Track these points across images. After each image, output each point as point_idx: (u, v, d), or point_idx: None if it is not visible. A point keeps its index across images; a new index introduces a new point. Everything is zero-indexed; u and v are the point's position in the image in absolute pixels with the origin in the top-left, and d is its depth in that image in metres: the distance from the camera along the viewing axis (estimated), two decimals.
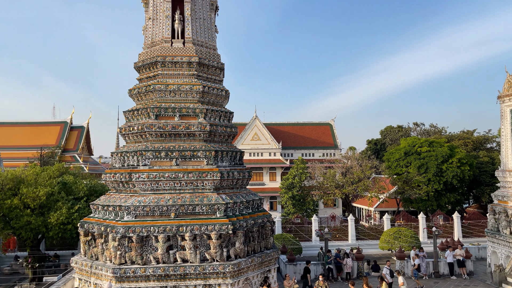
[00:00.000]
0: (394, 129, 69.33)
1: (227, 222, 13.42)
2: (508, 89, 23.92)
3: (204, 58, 16.07)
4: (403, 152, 41.67)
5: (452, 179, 38.49)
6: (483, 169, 42.05)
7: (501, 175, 22.79)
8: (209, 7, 17.06)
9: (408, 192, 38.79)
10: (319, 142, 59.83)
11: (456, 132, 58.50)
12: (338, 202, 54.46)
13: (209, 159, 14.51)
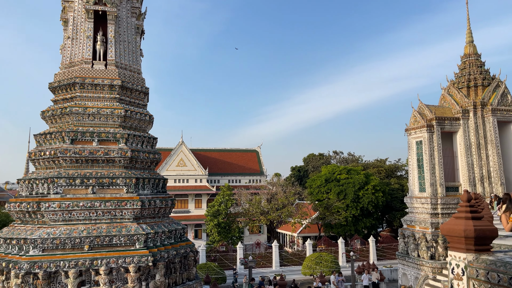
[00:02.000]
0: (316, 157, 72.66)
1: (147, 253, 12.76)
2: (413, 123, 26.52)
3: (127, 81, 15.57)
4: (324, 179, 43.69)
5: (367, 204, 41.05)
6: (394, 195, 45.54)
7: (409, 201, 24.83)
8: (135, 30, 16.73)
9: (329, 218, 40.50)
10: (245, 168, 60.45)
11: (371, 161, 63.04)
12: (263, 229, 54.95)
13: (130, 187, 13.84)
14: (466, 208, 5.05)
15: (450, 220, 5.20)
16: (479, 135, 25.90)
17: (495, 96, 26.54)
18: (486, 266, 4.56)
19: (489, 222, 6.49)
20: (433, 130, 25.24)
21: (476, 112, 26.31)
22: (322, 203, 41.38)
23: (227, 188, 43.10)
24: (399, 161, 60.09)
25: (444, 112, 26.63)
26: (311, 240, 37.43)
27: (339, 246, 33.74)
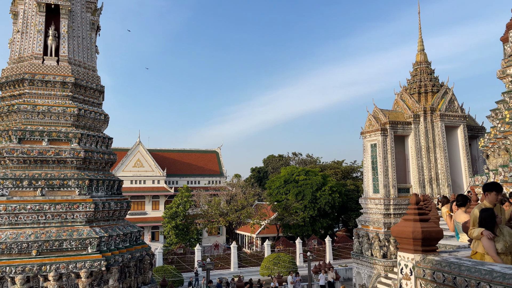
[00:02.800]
0: (275, 158, 73.42)
1: (100, 257, 12.30)
2: (368, 127, 27.47)
3: (81, 79, 14.96)
4: (283, 180, 44.25)
5: (325, 205, 42.03)
6: (350, 196, 46.93)
7: (364, 202, 25.68)
8: (89, 25, 16.11)
9: (287, 218, 41.05)
10: (205, 169, 59.96)
11: (329, 162, 64.62)
12: (222, 230, 54.75)
13: (82, 189, 13.29)
14: (414, 210, 5.28)
15: (399, 222, 5.42)
16: (429, 139, 27.27)
17: (443, 102, 28.05)
18: (432, 266, 4.79)
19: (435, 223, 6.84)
20: (387, 134, 26.26)
21: (426, 117, 27.70)
22: (281, 204, 41.87)
23: (186, 189, 42.54)
24: (355, 162, 62.06)
25: (397, 116, 27.80)
26: (270, 240, 37.77)
27: (297, 246, 34.29)
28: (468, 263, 4.45)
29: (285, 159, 72.51)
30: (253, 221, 40.09)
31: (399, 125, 26.81)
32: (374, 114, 27.41)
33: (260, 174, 71.15)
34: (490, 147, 16.33)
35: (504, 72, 16.49)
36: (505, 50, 18.66)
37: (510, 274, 3.94)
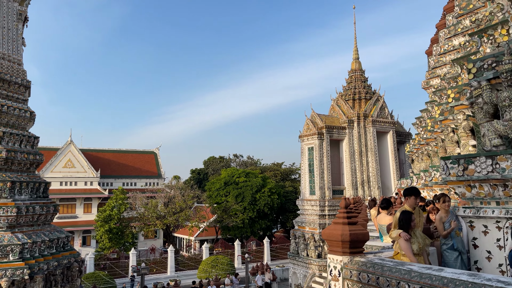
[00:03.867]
0: (216, 160, 73.09)
1: (23, 265, 11.38)
2: (306, 130, 28.33)
3: (4, 72, 13.77)
4: (223, 182, 44.18)
5: (264, 207, 42.62)
6: (288, 198, 48.05)
7: (301, 204, 26.41)
8: (16, 16, 14.90)
9: (227, 220, 41.02)
10: (142, 170, 58.05)
11: (268, 164, 65.65)
12: (159, 233, 53.33)
13: (4, 192, 12.22)
14: (344, 214, 5.50)
15: (329, 226, 5.63)
16: (362, 143, 28.76)
17: (375, 109, 29.75)
18: (358, 267, 5.02)
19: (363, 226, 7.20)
20: (323, 138, 27.26)
21: (360, 122, 29.21)
22: (220, 206, 41.75)
23: (121, 191, 40.83)
24: (294, 165, 63.64)
25: (333, 121, 28.98)
26: (209, 243, 37.49)
27: (236, 248, 34.38)
28: (390, 263, 4.73)
29: (226, 161, 72.46)
30: (192, 223, 39.53)
31: (335, 130, 27.94)
32: (311, 118, 28.32)
33: (200, 175, 70.42)
34: (415, 152, 17.60)
35: (428, 83, 17.85)
36: (429, 63, 20.23)
37: (426, 274, 4.24)
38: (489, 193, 5.85)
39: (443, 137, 11.57)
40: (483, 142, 6.20)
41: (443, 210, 6.17)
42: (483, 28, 8.40)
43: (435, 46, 18.35)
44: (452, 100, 8.84)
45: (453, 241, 6.02)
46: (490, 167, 5.67)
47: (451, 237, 6.05)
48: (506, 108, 5.74)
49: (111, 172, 55.03)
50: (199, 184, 64.56)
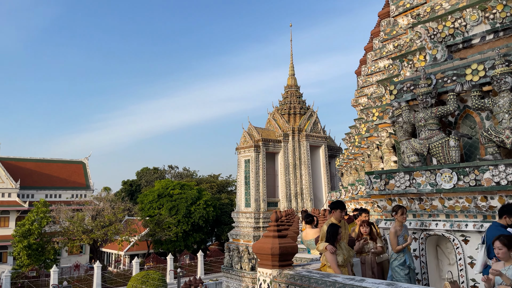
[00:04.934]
0: (150, 171, 70.81)
1: None
2: (243, 143, 28.56)
3: None
4: (157, 194, 42.84)
5: (199, 219, 41.92)
6: (224, 210, 47.80)
7: (236, 216, 26.40)
8: None
9: (159, 234, 39.68)
10: (69, 182, 54.41)
11: (205, 176, 64.97)
12: (86, 249, 50.08)
13: None
14: (274, 227, 5.57)
15: (260, 239, 5.66)
16: (296, 157, 29.60)
17: (309, 124, 30.85)
18: (287, 280, 5.09)
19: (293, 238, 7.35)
20: (259, 150, 27.64)
21: (294, 136, 30.10)
22: (153, 219, 40.33)
23: (43, 204, 37.77)
24: (230, 177, 63.66)
25: (269, 134, 29.53)
26: (139, 258, 35.94)
27: (168, 262, 33.32)
28: (317, 275, 4.86)
29: (161, 172, 70.51)
30: (122, 237, 37.65)
31: (271, 143, 28.48)
32: (249, 131, 28.63)
33: (133, 187, 67.71)
34: (344, 166, 18.48)
35: (356, 101, 18.94)
36: (358, 82, 21.50)
37: (349, 284, 4.42)
38: (407, 206, 6.28)
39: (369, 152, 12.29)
40: (403, 158, 6.66)
41: (399, 223, 5.84)
42: (404, 53, 9.12)
43: (363, 67, 19.57)
44: (377, 118, 9.44)
45: (406, 257, 5.80)
46: (408, 182, 6.10)
47: (403, 252, 5.79)
48: (421, 128, 6.24)
49: (32, 183, 50.86)
50: (131, 196, 61.95)
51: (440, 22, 6.80)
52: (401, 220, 5.79)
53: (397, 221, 5.82)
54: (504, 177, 5.06)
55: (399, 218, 5.78)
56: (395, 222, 5.85)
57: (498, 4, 6.10)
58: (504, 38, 6.33)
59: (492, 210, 5.30)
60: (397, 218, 5.81)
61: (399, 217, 5.78)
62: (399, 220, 5.79)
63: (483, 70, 5.67)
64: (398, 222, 5.81)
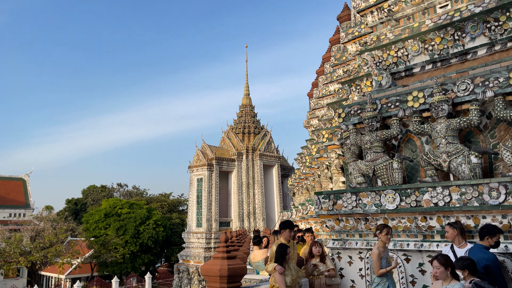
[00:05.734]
0: (97, 189, 67.68)
1: None
2: (196, 161, 28.20)
3: None
4: (104, 213, 40.92)
5: (148, 240, 40.40)
6: (174, 230, 46.52)
7: (187, 236, 25.78)
8: None
9: (105, 256, 37.71)
10: (6, 199, 50.66)
11: (156, 195, 63.12)
12: (23, 272, 46.39)
13: None
14: (223, 248, 5.49)
15: (209, 261, 5.55)
16: (249, 176, 29.65)
17: (262, 143, 31.15)
18: None
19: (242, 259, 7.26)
20: (213, 169, 27.41)
21: (248, 155, 30.22)
22: (99, 239, 38.30)
23: None
24: (182, 196, 62.35)
25: (223, 153, 29.43)
26: (82, 281, 33.83)
27: (113, 286, 31.66)
28: None
29: (109, 190, 67.59)
30: (63, 260, 35.33)
31: (224, 162, 28.37)
32: (202, 149, 28.38)
33: (78, 206, 64.30)
34: (296, 186, 18.75)
35: (308, 123, 19.44)
36: (310, 104, 22.13)
37: None
38: (354, 226, 6.45)
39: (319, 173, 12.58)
40: (350, 179, 6.87)
41: (382, 243, 5.34)
42: (352, 79, 9.54)
43: (315, 90, 20.21)
44: (326, 140, 9.72)
45: (389, 281, 5.33)
46: (354, 202, 6.28)
47: (386, 277, 5.31)
48: (367, 150, 6.50)
49: None
50: (76, 215, 58.72)
51: (384, 51, 7.21)
52: (385, 240, 5.31)
53: (380, 241, 5.33)
54: (442, 199, 5.35)
55: (383, 238, 5.29)
56: (379, 242, 5.36)
57: (436, 37, 6.58)
58: (441, 68, 6.81)
59: (431, 230, 5.57)
60: (380, 238, 5.31)
61: (383, 237, 5.29)
62: (383, 240, 5.31)
63: (422, 98, 6.04)
64: (382, 243, 5.32)
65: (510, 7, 5.85)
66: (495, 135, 5.68)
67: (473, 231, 5.28)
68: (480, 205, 5.03)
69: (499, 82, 5.38)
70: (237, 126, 32.35)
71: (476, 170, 5.35)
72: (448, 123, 5.67)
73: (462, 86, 5.72)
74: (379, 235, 5.33)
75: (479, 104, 5.53)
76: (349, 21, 13.98)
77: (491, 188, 4.97)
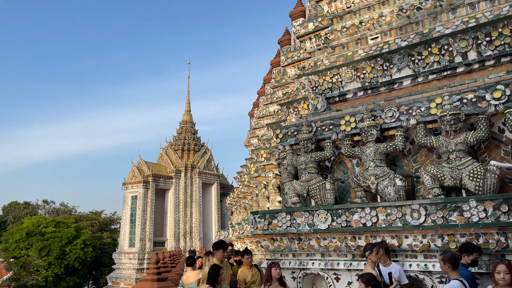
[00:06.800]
0: (19, 206, 62.19)
1: None
2: (132, 178, 27.12)
3: None
4: (26, 232, 37.64)
5: (74, 261, 37.72)
6: (105, 250, 43.93)
7: (118, 257, 24.47)
8: None
9: (25, 278, 34.52)
10: None
11: (86, 212, 59.48)
12: None
13: None
14: (154, 270, 5.28)
15: (137, 283, 5.30)
16: (187, 194, 29.07)
17: (202, 161, 30.83)
18: None
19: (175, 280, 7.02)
20: (149, 186, 26.52)
21: (187, 173, 29.68)
22: (19, 261, 35.04)
23: None
24: (115, 214, 59.36)
25: (160, 170, 28.64)
26: None
27: None
28: None
29: (33, 207, 62.42)
30: None
31: (162, 179, 27.62)
32: (138, 165, 27.41)
33: None
34: (234, 205, 18.69)
35: (248, 142, 19.64)
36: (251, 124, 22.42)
37: None
38: (287, 246, 6.53)
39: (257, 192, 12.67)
40: (286, 199, 6.99)
41: (372, 264, 5.10)
42: (291, 101, 9.83)
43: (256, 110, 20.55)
44: (265, 159, 9.86)
45: None
46: (289, 222, 6.37)
47: None
48: (302, 170, 6.68)
49: None
50: None
51: (321, 76, 7.54)
52: (376, 260, 5.08)
53: (370, 261, 5.08)
54: (369, 219, 5.61)
55: (373, 259, 5.06)
56: (368, 263, 5.11)
57: (367, 66, 7.02)
58: (371, 96, 7.26)
59: (359, 249, 5.80)
60: (370, 259, 5.07)
61: (373, 257, 5.07)
62: (373, 260, 5.07)
63: (354, 122, 6.37)
64: (372, 264, 5.07)
65: (431, 43, 6.43)
66: (417, 160, 6.12)
67: (396, 250, 5.58)
68: (403, 225, 5.34)
69: (421, 111, 5.84)
70: (177, 142, 31.74)
71: (401, 192, 5.69)
72: (376, 147, 6.01)
73: (389, 113, 6.12)
74: (369, 256, 5.11)
75: (404, 130, 5.95)
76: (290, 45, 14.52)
77: (412, 210, 5.30)
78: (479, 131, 5.28)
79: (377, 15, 7.34)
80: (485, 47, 6.08)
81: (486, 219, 4.77)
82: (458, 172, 5.28)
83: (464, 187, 5.30)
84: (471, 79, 6.21)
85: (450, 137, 5.47)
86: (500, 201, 4.74)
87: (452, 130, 5.44)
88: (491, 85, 5.38)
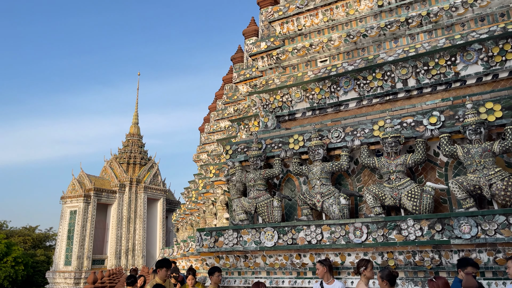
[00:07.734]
0: None
1: None
2: (71, 191, 25.63)
3: None
4: None
5: (3, 280, 34.73)
6: (38, 269, 40.90)
7: (52, 276, 22.84)
8: None
9: None
10: None
11: (18, 228, 55.12)
12: None
13: None
14: None
15: None
16: (131, 209, 27.96)
17: (148, 175, 29.91)
18: None
19: None
20: (90, 201, 25.21)
21: (132, 187, 28.61)
22: None
23: None
24: (51, 230, 55.57)
25: (103, 184, 27.37)
26: None
27: None
28: None
29: None
30: None
31: (104, 193, 26.41)
32: (79, 178, 26.03)
33: None
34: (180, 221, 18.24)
35: (198, 157, 19.38)
36: (201, 139, 22.20)
37: None
38: (233, 264, 6.44)
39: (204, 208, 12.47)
40: (233, 216, 6.93)
41: (367, 280, 4.83)
42: (242, 118, 9.88)
43: (206, 125, 20.42)
44: (213, 175, 9.76)
45: None
46: (235, 239, 6.31)
47: None
48: (251, 187, 6.68)
49: None
50: None
51: (271, 95, 7.67)
52: (370, 276, 4.82)
53: (365, 278, 4.82)
54: (314, 237, 5.70)
55: (368, 274, 4.80)
56: (362, 279, 4.85)
57: (316, 87, 7.26)
58: (319, 116, 7.49)
59: (304, 267, 5.85)
60: (365, 275, 4.81)
61: (368, 273, 4.81)
62: (368, 276, 4.81)
63: (302, 141, 6.51)
64: (366, 280, 4.82)
65: (375, 69, 6.79)
66: (360, 179, 6.35)
67: (340, 267, 5.69)
68: (346, 243, 5.48)
69: (365, 133, 6.10)
70: (122, 155, 30.61)
71: (345, 210, 5.86)
72: (322, 166, 6.17)
73: (335, 134, 6.33)
74: (363, 272, 4.83)
75: (349, 150, 6.17)
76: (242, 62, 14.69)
77: (355, 228, 5.47)
78: (416, 154, 5.61)
79: (326, 39, 7.65)
80: (423, 76, 6.52)
81: (422, 237, 5.02)
82: (397, 192, 5.55)
83: (403, 206, 5.57)
84: (410, 104, 6.61)
85: (391, 158, 5.75)
86: (434, 220, 5.02)
87: (392, 152, 5.73)
88: (428, 111, 5.76)
